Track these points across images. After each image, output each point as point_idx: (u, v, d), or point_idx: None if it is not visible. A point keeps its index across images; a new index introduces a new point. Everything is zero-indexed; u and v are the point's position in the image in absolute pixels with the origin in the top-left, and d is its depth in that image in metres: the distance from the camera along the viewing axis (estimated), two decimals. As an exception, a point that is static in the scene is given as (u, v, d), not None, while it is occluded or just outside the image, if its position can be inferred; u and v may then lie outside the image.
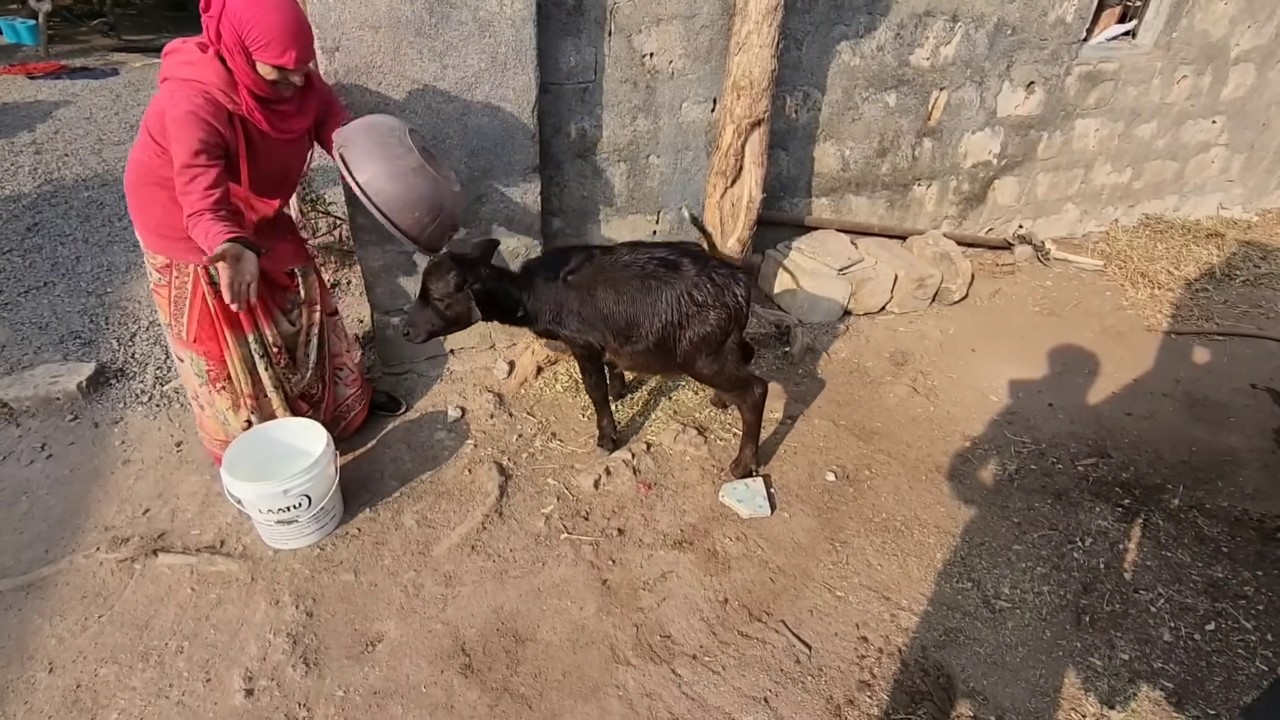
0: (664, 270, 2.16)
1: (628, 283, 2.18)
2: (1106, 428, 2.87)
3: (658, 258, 2.19)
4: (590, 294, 2.22)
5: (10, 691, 1.77)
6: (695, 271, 2.15)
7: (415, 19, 2.28)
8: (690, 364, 2.25)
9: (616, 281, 2.19)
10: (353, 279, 3.53)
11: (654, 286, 2.15)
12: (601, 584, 2.12)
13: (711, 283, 2.14)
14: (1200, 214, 4.83)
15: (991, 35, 3.44)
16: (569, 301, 2.24)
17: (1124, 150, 4.27)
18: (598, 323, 2.25)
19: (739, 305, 2.18)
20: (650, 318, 2.17)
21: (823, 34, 3.09)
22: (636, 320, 2.19)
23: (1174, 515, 2.44)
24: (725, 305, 2.15)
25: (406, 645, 1.92)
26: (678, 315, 2.15)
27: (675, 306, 2.14)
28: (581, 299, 2.23)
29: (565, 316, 2.27)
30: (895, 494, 2.49)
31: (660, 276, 2.16)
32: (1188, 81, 4.15)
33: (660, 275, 2.16)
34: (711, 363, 2.24)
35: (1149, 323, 3.63)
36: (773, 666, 1.91)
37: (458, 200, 2.12)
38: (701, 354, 2.21)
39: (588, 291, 2.22)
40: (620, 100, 2.86)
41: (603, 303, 2.20)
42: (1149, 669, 1.94)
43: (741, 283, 2.19)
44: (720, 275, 2.17)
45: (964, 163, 3.84)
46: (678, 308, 2.14)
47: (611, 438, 2.58)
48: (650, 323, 2.17)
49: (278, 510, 2.03)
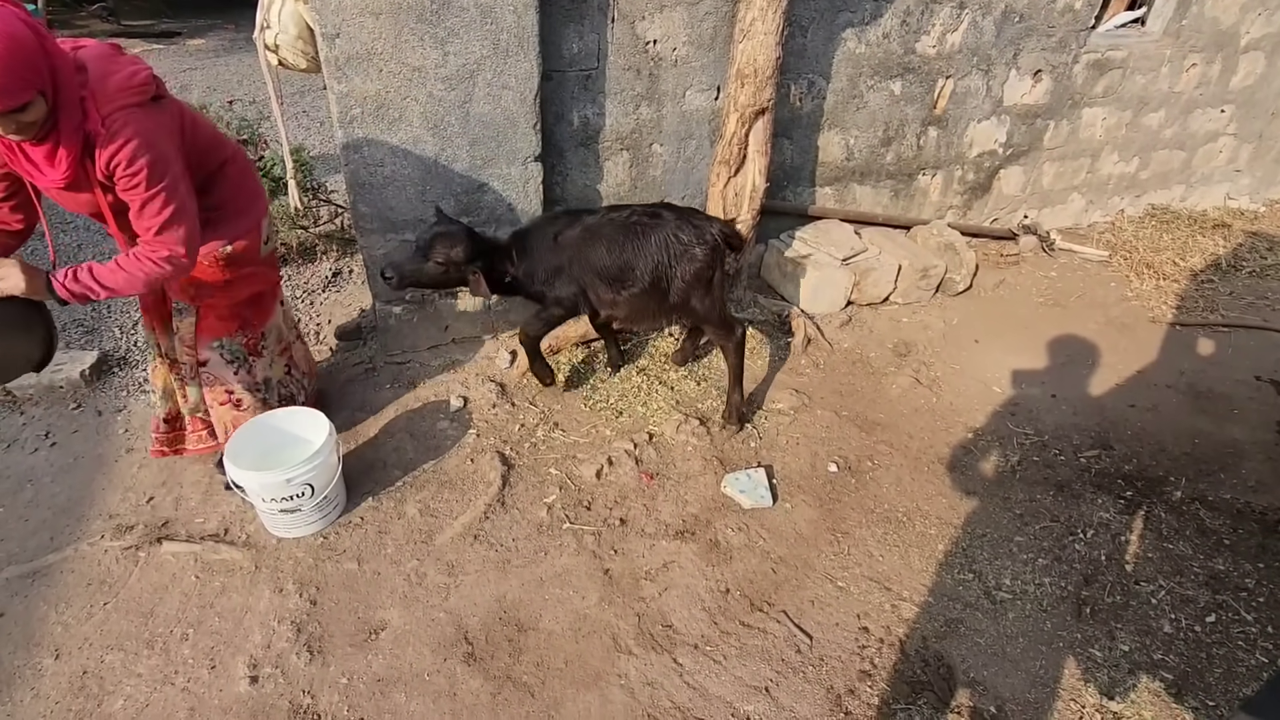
0: (648, 219, 2.36)
1: (615, 234, 2.35)
2: (1109, 419, 2.86)
3: (640, 211, 2.39)
4: (581, 250, 2.37)
5: (18, 678, 1.79)
6: (675, 218, 2.36)
7: (417, 5, 2.26)
8: (685, 301, 2.41)
9: (605, 236, 2.36)
10: (354, 267, 3.52)
11: (641, 232, 2.34)
12: (604, 574, 2.13)
13: (691, 225, 2.35)
14: (1207, 204, 4.80)
15: (999, 22, 3.40)
16: (561, 260, 2.39)
17: (1131, 139, 4.23)
18: (590, 277, 2.39)
19: (717, 241, 2.38)
20: (643, 259, 2.34)
21: (828, 21, 3.06)
22: (630, 264, 2.35)
23: (1176, 507, 2.44)
24: (706, 242, 2.35)
25: (409, 633, 1.93)
26: (667, 255, 2.34)
27: (664, 247, 2.33)
28: (573, 256, 2.38)
29: (557, 277, 2.42)
30: (897, 485, 2.49)
31: (645, 224, 2.35)
32: (1197, 70, 4.10)
33: (645, 223, 2.36)
34: (704, 298, 2.41)
35: (1154, 314, 3.61)
36: (774, 656, 1.92)
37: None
38: (695, 290, 2.39)
39: (578, 249, 2.38)
40: (623, 88, 2.83)
41: (596, 257, 2.36)
42: (1149, 660, 1.95)
43: (716, 223, 2.40)
44: (698, 218, 2.40)
45: (969, 152, 3.81)
46: (666, 248, 2.33)
47: (547, 381, 2.74)
48: (644, 264, 2.34)
49: (281, 499, 2.04)
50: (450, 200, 2.65)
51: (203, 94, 5.91)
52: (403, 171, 2.54)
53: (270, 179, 3.30)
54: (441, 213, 2.39)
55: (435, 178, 2.59)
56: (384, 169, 2.52)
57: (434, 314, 2.91)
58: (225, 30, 8.29)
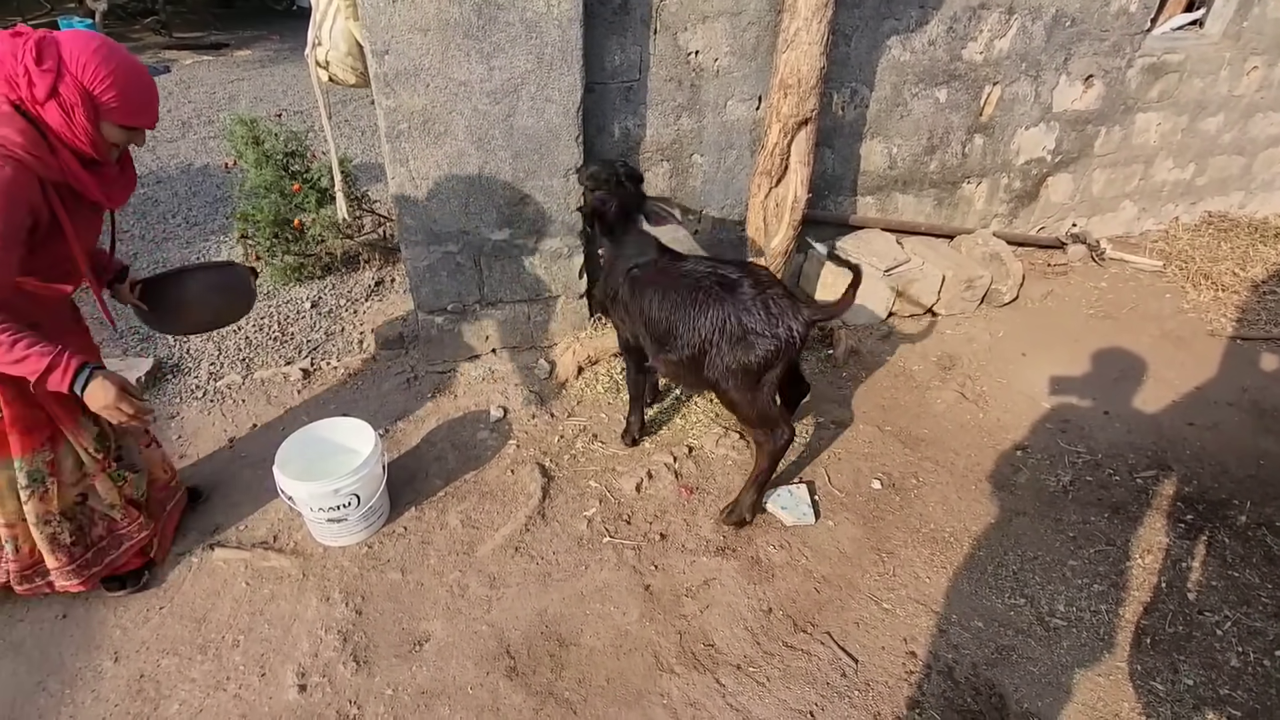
0: (718, 288, 2.06)
1: (677, 291, 2.12)
2: (1167, 438, 2.76)
3: (719, 274, 2.10)
4: (641, 292, 2.22)
5: (79, 679, 1.85)
6: (752, 295, 2.03)
7: (464, 21, 2.28)
8: (718, 385, 2.14)
9: (667, 287, 2.15)
10: (396, 276, 3.58)
11: (700, 300, 2.07)
12: (644, 589, 2.12)
13: (766, 310, 2.01)
14: (1268, 211, 4.60)
15: (1049, 27, 3.31)
16: (623, 292, 2.28)
17: (1187, 145, 4.08)
18: (639, 322, 2.25)
19: (792, 340, 2.02)
20: (689, 331, 2.09)
21: (872, 29, 3.01)
22: (675, 330, 2.13)
23: (1241, 533, 2.34)
24: (776, 337, 2.01)
25: (453, 646, 1.95)
26: (720, 336, 2.05)
27: (719, 327, 2.04)
28: (633, 294, 2.25)
29: (616, 303, 2.34)
30: (944, 504, 2.43)
31: (712, 292, 2.06)
32: (1258, 73, 3.94)
33: (712, 291, 2.06)
34: (745, 391, 2.10)
35: (1212, 327, 3.47)
36: (818, 679, 1.89)
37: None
38: (734, 379, 2.09)
39: (640, 289, 2.22)
40: (664, 99, 2.82)
41: (649, 305, 2.19)
42: (1215, 695, 1.86)
43: (802, 317, 2.03)
44: (779, 303, 2.02)
45: (1016, 159, 3.71)
46: (722, 328, 2.04)
47: (634, 435, 2.61)
48: (688, 336, 2.10)
49: (328, 509, 2.07)
50: (493, 212, 2.67)
51: (250, 104, 6.08)
52: (447, 184, 2.57)
53: (317, 190, 3.38)
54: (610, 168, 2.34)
55: (479, 190, 2.61)
56: (428, 181, 2.55)
57: (475, 324, 2.94)
58: (271, 41, 8.52)
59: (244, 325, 3.22)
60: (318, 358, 3.06)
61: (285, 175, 3.39)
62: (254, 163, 3.36)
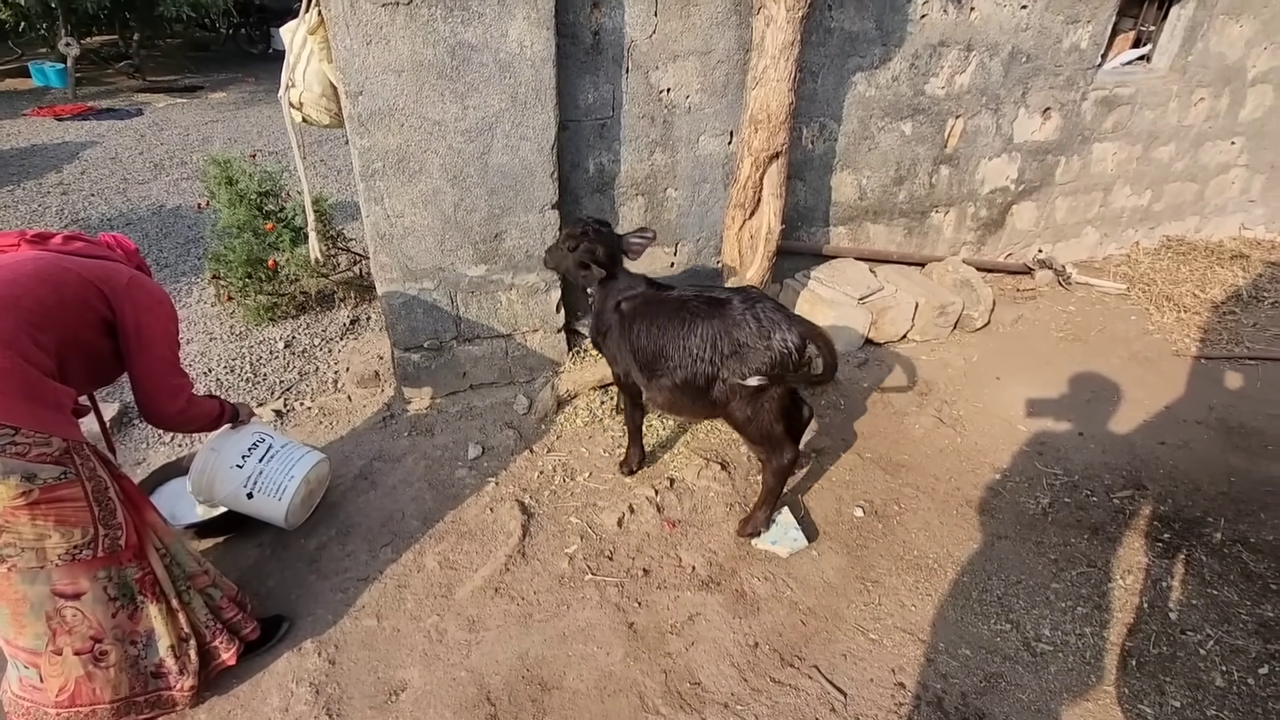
0: (706, 306, 2.06)
1: (664, 315, 2.13)
2: (1140, 458, 2.80)
3: (707, 296, 2.10)
4: (630, 324, 2.22)
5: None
6: (742, 310, 2.01)
7: (438, 62, 2.31)
8: (724, 405, 2.13)
9: (654, 314, 2.16)
10: (372, 314, 3.54)
11: (689, 319, 2.07)
12: (628, 627, 2.07)
13: (757, 322, 1.98)
14: (1222, 234, 4.78)
15: (1006, 63, 3.45)
16: (613, 326, 2.28)
17: (1143, 172, 4.24)
18: (626, 355, 2.25)
19: (786, 350, 1.97)
20: (680, 352, 2.07)
21: (838, 66, 3.11)
22: (664, 352, 2.11)
23: (1217, 550, 2.36)
24: (770, 348, 1.97)
25: (430, 694, 1.88)
26: (712, 351, 2.02)
27: (710, 343, 2.03)
28: (622, 327, 2.25)
29: (606, 339, 2.33)
30: (926, 530, 2.43)
31: (699, 311, 2.06)
32: (1205, 104, 4.13)
33: (700, 310, 2.06)
34: (746, 406, 2.09)
35: (1176, 347, 3.56)
36: (807, 715, 1.85)
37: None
38: (736, 396, 2.08)
39: (629, 322, 2.23)
40: (638, 135, 2.87)
41: (637, 335, 2.20)
42: (1203, 717, 1.86)
43: (796, 329, 2.00)
44: (770, 315, 2.00)
45: (981, 189, 3.82)
46: (713, 344, 2.02)
47: (632, 466, 2.59)
48: (679, 357, 2.08)
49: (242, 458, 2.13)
50: (469, 248, 2.67)
51: (224, 145, 6.08)
52: (422, 222, 2.57)
53: (291, 229, 3.36)
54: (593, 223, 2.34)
55: (454, 227, 2.62)
56: (404, 220, 2.55)
57: (452, 360, 2.91)
58: (246, 83, 8.57)
59: (214, 367, 3.16)
60: (291, 398, 3.00)
61: (259, 215, 3.37)
62: (227, 202, 3.34)
